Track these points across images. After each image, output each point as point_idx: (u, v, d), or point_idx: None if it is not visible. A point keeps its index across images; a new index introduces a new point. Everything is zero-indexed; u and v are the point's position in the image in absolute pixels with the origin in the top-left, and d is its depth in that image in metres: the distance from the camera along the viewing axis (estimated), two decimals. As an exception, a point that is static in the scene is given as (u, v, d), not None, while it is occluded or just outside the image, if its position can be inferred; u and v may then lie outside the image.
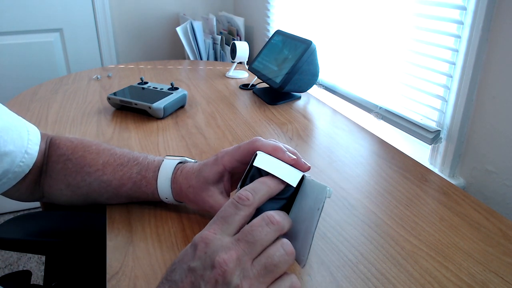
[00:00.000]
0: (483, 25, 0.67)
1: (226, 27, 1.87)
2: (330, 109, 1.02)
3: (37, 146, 0.55)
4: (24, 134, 0.53)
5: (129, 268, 0.45)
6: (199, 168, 0.50)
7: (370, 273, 0.45)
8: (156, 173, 0.52)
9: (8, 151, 0.50)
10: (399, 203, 0.59)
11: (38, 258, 1.68)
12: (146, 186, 0.53)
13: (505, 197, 0.68)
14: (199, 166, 0.50)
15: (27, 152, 0.52)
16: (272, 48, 1.14)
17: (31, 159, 0.53)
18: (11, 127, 0.51)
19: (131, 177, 0.53)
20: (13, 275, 0.86)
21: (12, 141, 0.50)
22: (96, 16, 1.92)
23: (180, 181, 0.51)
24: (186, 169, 0.51)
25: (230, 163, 0.48)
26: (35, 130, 0.56)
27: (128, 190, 0.53)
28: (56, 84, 1.22)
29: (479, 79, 0.71)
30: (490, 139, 0.70)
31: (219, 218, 0.34)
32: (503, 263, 0.47)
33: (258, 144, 0.45)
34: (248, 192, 0.35)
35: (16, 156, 0.51)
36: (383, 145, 0.79)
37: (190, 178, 0.50)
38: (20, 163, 0.51)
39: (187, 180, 0.50)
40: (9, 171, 0.51)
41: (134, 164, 0.54)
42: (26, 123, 0.56)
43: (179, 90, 0.99)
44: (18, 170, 0.51)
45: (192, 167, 0.51)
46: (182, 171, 0.51)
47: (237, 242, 0.32)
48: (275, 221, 0.33)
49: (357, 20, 1.05)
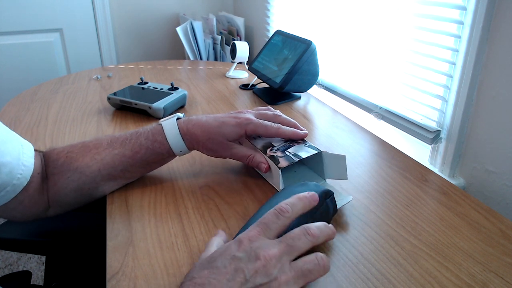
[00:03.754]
0: (483, 25, 0.67)
1: (226, 27, 1.87)
2: (330, 109, 1.02)
3: (32, 159, 0.55)
4: (19, 148, 0.53)
5: (129, 268, 0.45)
6: (218, 124, 0.58)
7: (370, 273, 0.45)
8: (163, 134, 0.58)
9: (6, 162, 0.49)
10: (399, 203, 0.59)
11: (38, 258, 1.68)
12: (160, 147, 0.58)
13: (505, 197, 0.68)
14: (216, 122, 0.59)
15: (24, 164, 0.52)
16: (272, 48, 1.14)
17: (28, 171, 0.53)
18: (6, 140, 0.51)
19: (141, 144, 0.58)
20: (13, 275, 0.86)
21: (8, 153, 0.50)
22: (96, 16, 1.92)
23: (195, 133, 0.58)
24: (199, 122, 0.59)
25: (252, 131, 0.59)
26: (28, 144, 0.57)
27: (142, 156, 0.58)
28: (56, 84, 1.22)
29: (479, 79, 0.71)
30: (490, 139, 0.70)
31: (261, 223, 0.40)
32: (503, 263, 0.47)
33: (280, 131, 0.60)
34: (288, 206, 0.41)
35: (13, 168, 0.51)
36: (383, 145, 0.79)
37: (209, 131, 0.58)
38: (18, 175, 0.51)
39: (205, 133, 0.58)
40: (8, 183, 0.50)
41: (138, 135, 0.59)
42: (19, 137, 0.56)
43: (179, 90, 0.99)
44: (16, 182, 0.51)
45: (206, 120, 0.59)
46: (194, 124, 0.59)
47: (279, 243, 0.38)
48: (311, 233, 0.39)
49: (357, 20, 1.05)
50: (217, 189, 0.61)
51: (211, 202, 0.58)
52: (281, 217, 0.40)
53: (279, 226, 0.39)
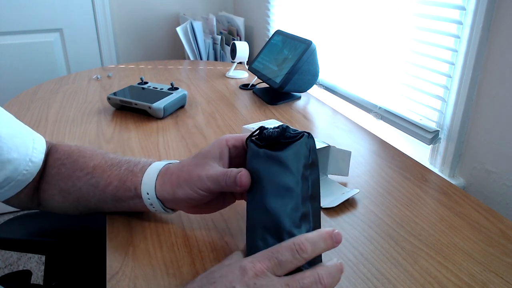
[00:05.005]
0: (483, 25, 0.67)
1: (226, 27, 1.87)
2: (330, 109, 1.02)
3: (42, 154, 0.54)
4: (29, 143, 0.53)
5: (129, 268, 0.45)
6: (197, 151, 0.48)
7: (370, 273, 0.45)
8: (145, 167, 0.50)
9: (12, 158, 0.49)
10: (399, 203, 0.59)
11: (38, 258, 1.68)
12: (131, 179, 0.49)
13: (505, 197, 0.68)
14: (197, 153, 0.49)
15: (31, 161, 0.52)
16: (272, 48, 1.14)
17: (35, 168, 0.53)
18: (16, 135, 0.51)
19: (118, 174, 0.51)
20: (13, 274, 0.86)
21: (16, 149, 0.50)
22: (96, 16, 1.92)
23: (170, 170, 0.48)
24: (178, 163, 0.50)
25: (233, 139, 0.47)
26: (41, 139, 0.56)
27: (113, 189, 0.51)
28: (56, 84, 1.22)
29: (479, 79, 0.71)
30: (490, 139, 0.70)
31: (273, 257, 0.35)
32: (503, 263, 0.47)
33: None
34: (309, 244, 0.36)
35: (19, 164, 0.50)
36: (383, 145, 0.79)
37: (184, 162, 0.48)
38: (24, 171, 0.51)
39: (180, 165, 0.48)
40: (11, 179, 0.50)
41: (125, 163, 0.52)
42: (32, 132, 0.55)
43: (179, 90, 0.99)
44: (21, 178, 0.51)
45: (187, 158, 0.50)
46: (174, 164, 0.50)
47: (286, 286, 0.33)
48: (324, 283, 0.34)
49: (357, 20, 1.05)
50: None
51: (211, 202, 0.58)
52: (298, 257, 0.35)
53: (292, 266, 0.35)
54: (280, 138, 0.42)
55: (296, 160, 0.40)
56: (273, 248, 0.35)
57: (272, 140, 0.42)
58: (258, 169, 0.41)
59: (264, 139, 0.43)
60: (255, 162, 0.42)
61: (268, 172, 0.41)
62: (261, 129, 0.43)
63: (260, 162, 0.41)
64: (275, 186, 0.40)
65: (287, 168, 0.40)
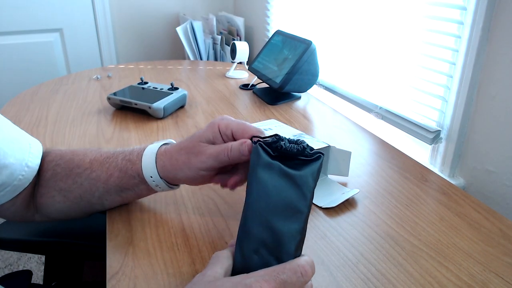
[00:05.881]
0: (483, 25, 0.67)
1: (226, 27, 1.87)
2: (330, 109, 1.01)
3: (39, 159, 0.54)
4: (26, 147, 0.53)
5: (129, 268, 0.45)
6: (191, 134, 0.50)
7: (370, 273, 0.45)
8: (140, 153, 0.52)
9: (8, 163, 0.49)
10: (399, 203, 0.59)
11: (38, 258, 1.68)
12: (132, 168, 0.51)
13: (505, 197, 0.68)
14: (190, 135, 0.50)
15: (28, 166, 0.52)
16: (272, 48, 1.14)
17: (31, 173, 0.52)
18: (13, 140, 0.51)
19: (117, 165, 0.52)
20: (14, 274, 0.86)
21: (12, 154, 0.50)
22: (96, 16, 1.92)
23: (169, 152, 0.50)
24: (175, 143, 0.51)
25: (225, 126, 0.48)
26: (38, 143, 0.56)
27: (116, 180, 0.52)
28: (56, 84, 1.22)
29: (479, 79, 0.71)
30: (490, 139, 0.70)
31: (279, 279, 0.35)
32: (503, 263, 0.47)
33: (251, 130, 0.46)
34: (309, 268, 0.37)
35: (15, 169, 0.50)
36: (383, 145, 0.79)
37: (181, 143, 0.50)
38: (20, 176, 0.51)
39: (178, 146, 0.50)
40: (7, 184, 0.50)
41: (119, 153, 0.53)
42: (28, 136, 0.55)
43: (179, 90, 0.99)
44: (17, 183, 0.51)
45: (181, 140, 0.51)
46: (171, 145, 0.51)
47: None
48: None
49: (357, 21, 1.05)
50: (217, 189, 0.61)
51: (211, 202, 0.58)
52: (301, 279, 0.35)
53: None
54: (297, 155, 0.40)
55: (310, 183, 0.39)
56: (277, 268, 0.36)
57: (288, 155, 0.40)
58: (266, 181, 0.39)
59: (277, 150, 0.41)
60: (265, 173, 0.40)
61: (280, 190, 0.39)
62: (277, 139, 0.41)
63: (272, 175, 0.40)
64: (284, 206, 0.38)
65: (301, 190, 0.39)
